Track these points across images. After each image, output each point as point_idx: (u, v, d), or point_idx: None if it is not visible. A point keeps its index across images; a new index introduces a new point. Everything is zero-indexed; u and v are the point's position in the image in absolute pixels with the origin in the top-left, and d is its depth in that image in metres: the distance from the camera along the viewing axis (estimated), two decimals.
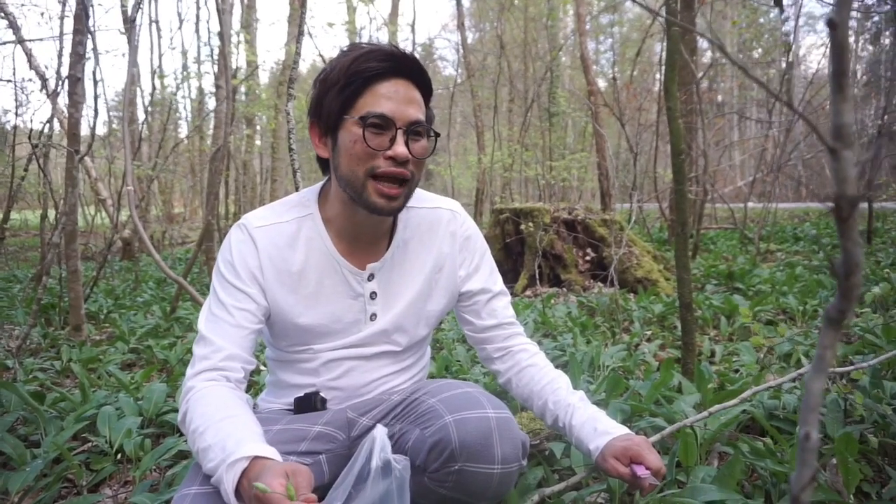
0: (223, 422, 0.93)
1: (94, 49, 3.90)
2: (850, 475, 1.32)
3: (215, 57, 8.45)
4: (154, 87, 8.74)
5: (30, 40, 6.51)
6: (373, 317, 1.17)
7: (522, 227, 5.03)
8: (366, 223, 1.12)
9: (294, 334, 1.14)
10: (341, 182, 1.07)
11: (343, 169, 1.06)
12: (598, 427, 1.12)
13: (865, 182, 7.21)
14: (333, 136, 1.07)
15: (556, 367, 1.32)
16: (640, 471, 1.03)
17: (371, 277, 1.16)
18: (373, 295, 1.16)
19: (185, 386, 1.03)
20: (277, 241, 1.11)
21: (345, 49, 1.07)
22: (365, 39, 14.23)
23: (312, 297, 1.13)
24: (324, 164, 1.12)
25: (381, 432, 0.92)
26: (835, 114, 0.29)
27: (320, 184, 1.19)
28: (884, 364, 2.08)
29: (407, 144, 1.03)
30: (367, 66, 1.02)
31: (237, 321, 1.07)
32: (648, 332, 3.29)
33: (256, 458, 0.85)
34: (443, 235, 1.22)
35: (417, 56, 1.11)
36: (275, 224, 1.12)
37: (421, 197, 1.23)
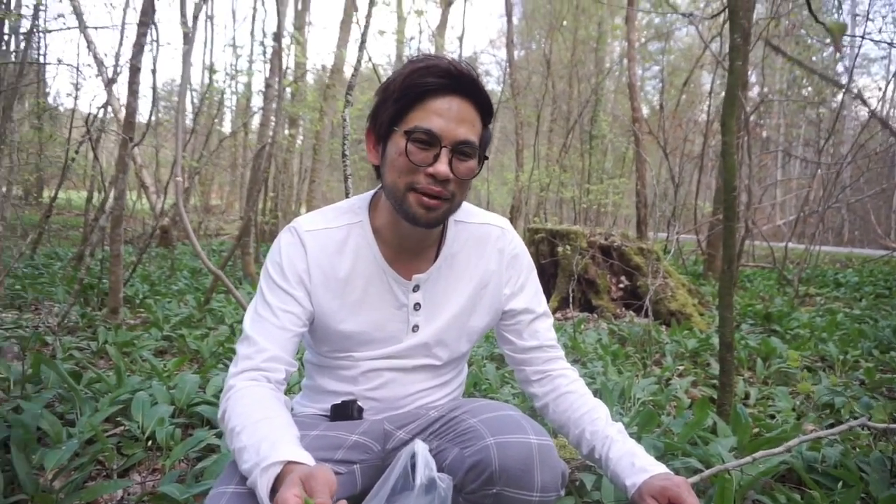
0: (260, 423, 0.93)
1: (156, 41, 4.02)
2: None
3: (267, 56, 8.63)
4: (209, 82, 8.97)
5: (93, 27, 6.73)
6: (415, 328, 1.17)
7: (559, 249, 5.00)
8: (412, 234, 1.12)
9: (335, 340, 1.15)
10: (386, 191, 1.08)
11: (387, 179, 1.06)
12: (636, 463, 1.10)
13: None
14: (384, 145, 1.07)
15: None
16: None
17: (416, 288, 1.16)
18: (416, 306, 1.16)
19: (227, 384, 1.04)
20: (327, 246, 1.11)
21: (411, 59, 1.07)
22: (414, 50, 14.38)
23: (357, 304, 1.13)
24: (378, 171, 1.13)
25: (422, 448, 0.91)
26: None
27: (372, 192, 1.19)
28: None
29: (451, 164, 1.02)
30: (424, 80, 1.01)
31: (282, 323, 1.07)
32: (681, 368, 3.22)
33: (290, 462, 0.85)
34: (490, 252, 1.21)
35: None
36: (324, 229, 1.12)
37: (471, 212, 1.22)
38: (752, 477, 1.53)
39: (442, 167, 1.01)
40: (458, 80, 1.02)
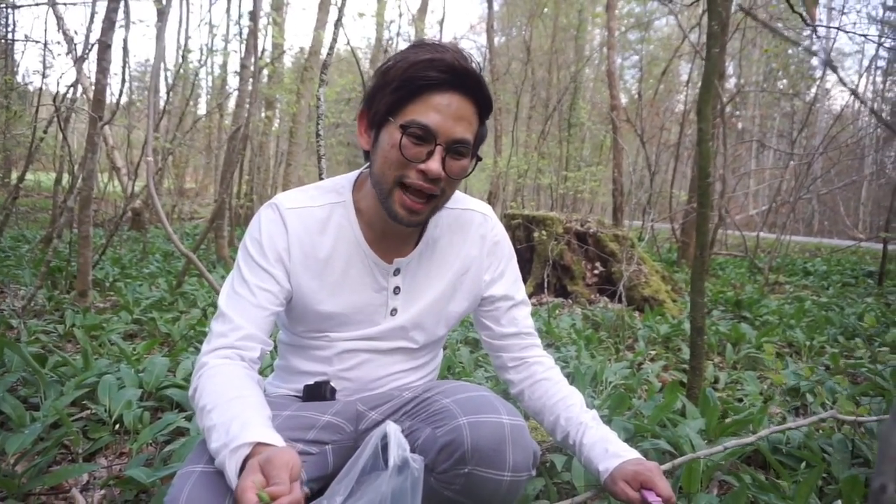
0: (232, 402, 0.92)
1: (127, 18, 3.91)
2: None
3: (243, 36, 8.46)
4: (181, 61, 8.76)
5: (62, 3, 6.53)
6: (393, 312, 1.16)
7: (535, 234, 5.01)
8: (390, 219, 1.10)
9: (312, 320, 1.13)
10: (372, 179, 1.06)
11: (376, 168, 1.04)
12: (609, 448, 1.11)
13: (883, 223, 7.15)
14: (377, 132, 1.05)
15: None
16: (651, 497, 1.01)
17: (397, 272, 1.14)
18: (396, 290, 1.15)
19: (199, 361, 1.01)
20: (308, 224, 1.09)
21: (413, 44, 1.03)
22: (394, 33, 14.22)
23: (336, 285, 1.11)
24: (367, 154, 1.11)
25: (394, 429, 0.90)
26: None
27: (357, 172, 1.17)
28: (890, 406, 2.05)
29: (444, 162, 1.00)
30: (425, 73, 0.97)
31: (259, 301, 1.05)
32: (653, 352, 3.26)
33: (259, 444, 0.84)
34: (472, 238, 1.21)
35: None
36: (307, 207, 1.10)
37: (454, 197, 1.20)
38: (719, 459, 1.56)
39: (434, 165, 0.99)
40: (461, 76, 0.99)
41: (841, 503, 1.36)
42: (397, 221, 1.04)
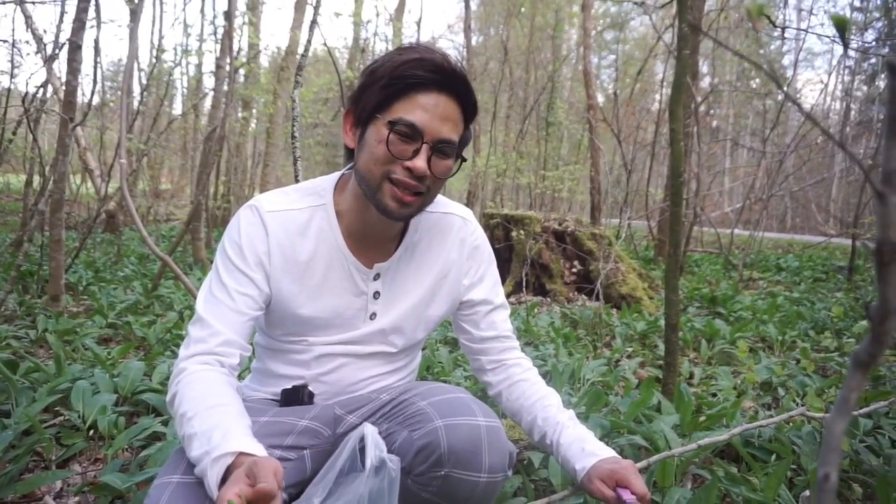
0: (212, 409, 0.91)
1: (98, 17, 3.85)
2: None
3: (219, 36, 8.37)
4: (154, 62, 8.62)
5: (30, 1, 6.39)
6: (373, 316, 1.16)
7: (513, 234, 5.04)
8: (377, 223, 1.10)
9: (291, 324, 1.13)
10: (358, 176, 1.06)
11: (361, 164, 1.04)
12: (585, 447, 1.12)
13: (852, 219, 7.31)
14: (363, 129, 1.05)
15: None
16: (626, 495, 1.03)
17: (377, 277, 1.14)
18: (376, 294, 1.15)
19: (178, 367, 1.00)
20: (289, 228, 1.08)
21: (402, 47, 1.04)
22: (371, 34, 14.16)
23: (316, 289, 1.11)
24: (349, 154, 1.11)
25: (371, 430, 0.91)
26: (886, 159, 0.28)
27: (338, 174, 1.16)
28: (858, 401, 2.10)
29: (430, 161, 1.01)
30: (414, 72, 0.99)
31: (237, 306, 1.04)
32: (630, 349, 3.30)
33: (241, 454, 0.83)
34: (452, 242, 1.21)
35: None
36: (287, 210, 1.09)
37: (434, 200, 1.22)
38: (692, 453, 1.59)
39: (420, 163, 0.99)
40: (448, 77, 1.00)
41: (809, 493, 1.39)
42: (387, 214, 1.04)
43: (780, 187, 7.94)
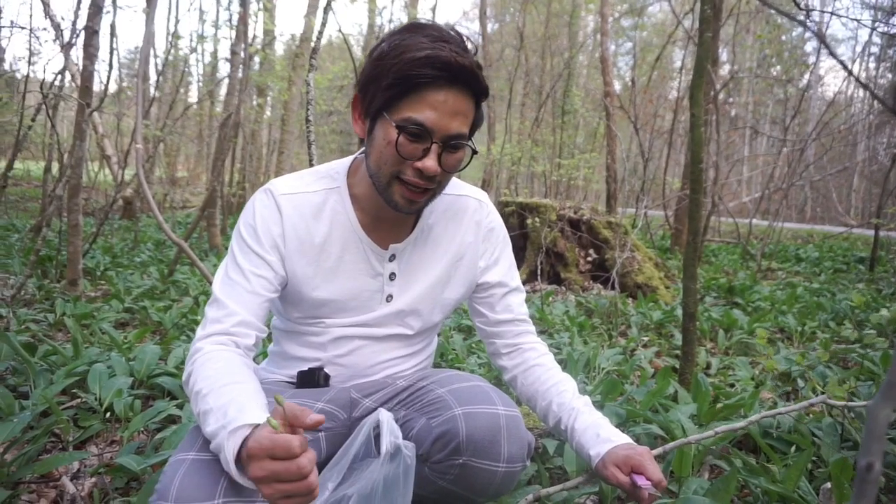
0: (227, 387, 0.90)
1: (114, 2, 3.85)
2: (845, 500, 1.30)
3: (234, 23, 8.36)
4: (169, 49, 8.65)
5: None
6: (389, 298, 1.15)
7: (528, 222, 5.01)
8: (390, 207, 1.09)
9: (307, 306, 1.12)
10: (369, 169, 1.04)
11: (372, 162, 1.03)
12: (600, 433, 1.11)
13: (875, 209, 7.18)
14: (371, 123, 1.03)
15: None
16: (641, 481, 1.01)
17: (392, 258, 1.14)
18: (392, 276, 1.14)
19: (193, 347, 1.00)
20: (303, 210, 1.08)
21: (408, 27, 0.99)
22: (386, 21, 14.08)
23: (332, 271, 1.10)
24: (361, 139, 1.09)
25: (387, 416, 0.90)
26: None
27: (351, 157, 1.15)
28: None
29: (440, 157, 0.99)
30: (421, 72, 0.94)
31: (253, 287, 1.04)
32: (645, 339, 3.27)
33: (259, 426, 0.82)
34: (468, 224, 1.20)
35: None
36: (302, 193, 1.09)
37: (450, 183, 1.20)
38: (709, 443, 1.56)
39: (430, 163, 0.97)
40: (458, 73, 0.96)
41: (830, 485, 1.36)
42: (396, 210, 1.03)
43: (800, 177, 7.81)
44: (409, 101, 0.96)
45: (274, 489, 0.73)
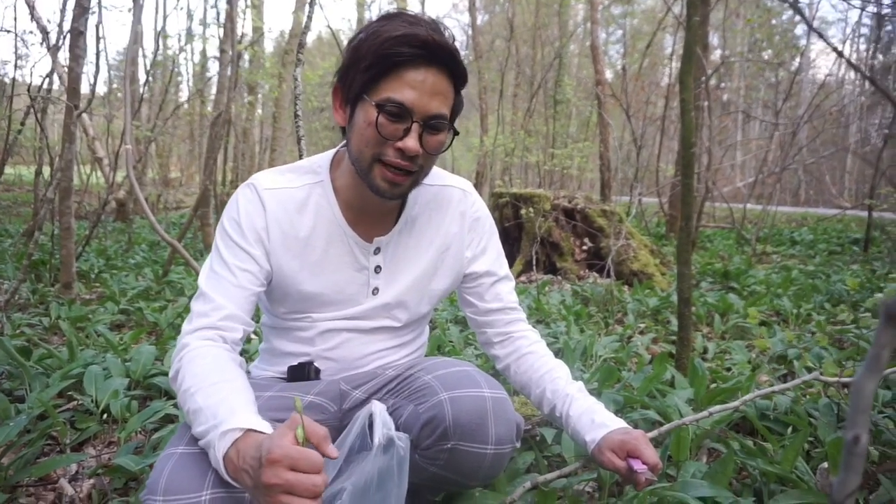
0: (217, 385, 0.90)
1: (99, 3, 3.82)
2: None
3: (221, 20, 8.31)
4: (157, 48, 8.59)
5: None
6: (375, 291, 1.14)
7: (522, 212, 5.00)
8: (374, 198, 1.08)
9: (294, 301, 1.12)
10: (351, 156, 1.04)
11: (353, 145, 1.03)
12: (595, 419, 1.11)
13: (868, 190, 7.19)
14: (352, 109, 1.03)
15: None
16: (637, 465, 1.02)
17: (377, 251, 1.13)
18: (377, 269, 1.14)
19: (180, 342, 0.99)
20: (287, 205, 1.08)
21: (384, 16, 1.00)
22: (374, 14, 14.01)
23: (317, 264, 1.10)
24: (343, 130, 1.09)
25: (380, 408, 0.90)
26: None
27: (333, 150, 1.15)
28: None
29: (421, 138, 0.98)
30: (399, 50, 0.95)
31: (239, 281, 1.03)
32: (642, 325, 3.28)
33: (249, 430, 0.82)
34: (452, 214, 1.20)
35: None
36: (285, 188, 1.08)
37: (433, 173, 1.19)
38: (707, 427, 1.57)
39: (411, 142, 0.97)
40: (434, 51, 0.97)
41: (827, 465, 1.37)
42: (379, 195, 1.02)
43: (793, 160, 7.82)
44: (389, 82, 0.97)
45: (278, 500, 0.73)
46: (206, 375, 0.92)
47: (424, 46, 0.96)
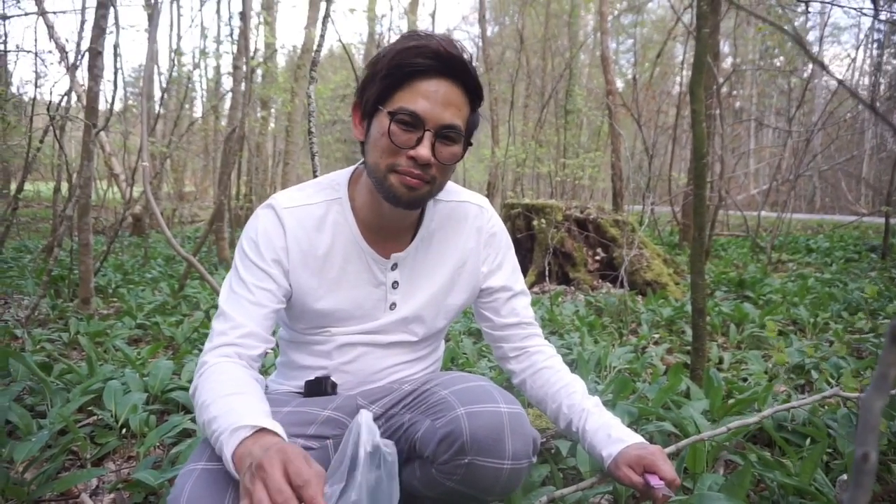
0: (231, 396, 0.92)
1: (116, 23, 3.90)
2: None
3: (235, 37, 8.44)
4: (172, 65, 8.73)
5: (52, 12, 6.51)
6: (392, 306, 1.16)
7: (535, 223, 5.01)
8: (391, 214, 1.10)
9: (312, 317, 1.14)
10: (367, 169, 1.07)
11: (369, 157, 1.05)
12: (612, 434, 1.11)
13: (885, 196, 7.11)
14: (369, 122, 1.06)
15: None
16: (654, 481, 1.01)
17: (395, 267, 1.15)
18: (395, 284, 1.15)
19: (200, 360, 1.02)
20: (305, 223, 1.10)
21: (403, 35, 1.04)
22: (385, 28, 14.15)
23: (335, 281, 1.12)
24: (363, 147, 1.11)
25: (366, 417, 0.90)
26: None
27: (353, 167, 1.17)
28: (894, 384, 2.04)
29: (434, 148, 1.00)
30: (412, 61, 0.98)
31: (258, 299, 1.06)
32: (656, 336, 3.26)
33: (261, 429, 0.83)
34: (469, 230, 1.21)
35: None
36: (304, 206, 1.10)
37: (449, 189, 1.21)
38: (723, 438, 1.56)
39: (424, 151, 0.99)
40: (447, 62, 0.99)
41: (846, 477, 1.36)
42: (397, 202, 1.03)
43: (807, 167, 7.76)
44: (402, 92, 1.00)
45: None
46: (219, 389, 0.94)
47: (437, 57, 0.99)
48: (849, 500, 0.31)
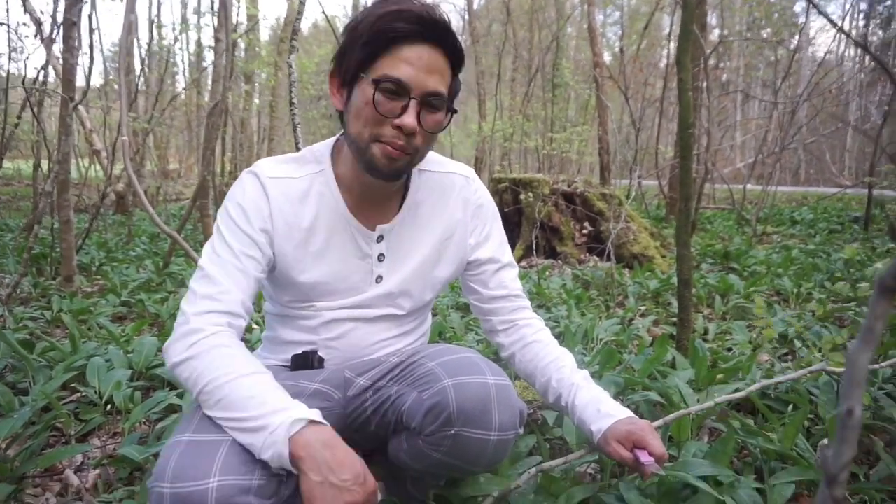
0: (253, 376, 0.91)
1: None
2: None
3: (215, 9, 8.24)
4: (152, 38, 8.53)
5: None
6: (378, 279, 1.14)
7: (522, 197, 4.99)
8: (375, 184, 1.08)
9: (297, 290, 1.12)
10: (348, 139, 1.04)
11: (351, 127, 1.02)
12: (601, 409, 1.11)
13: (868, 168, 7.17)
14: (349, 90, 1.02)
15: None
16: (644, 457, 1.02)
17: (380, 239, 1.13)
18: (380, 257, 1.14)
19: (188, 325, 0.95)
20: (290, 194, 1.07)
21: (379, 0, 1.00)
22: (370, 2, 13.92)
23: (319, 254, 1.09)
24: (341, 116, 1.08)
25: None
26: None
27: (334, 139, 1.14)
28: (877, 349, 2.07)
29: (419, 116, 0.98)
30: (394, 25, 0.95)
31: (244, 266, 1.02)
32: (643, 308, 3.28)
33: (313, 422, 0.86)
34: (455, 201, 1.19)
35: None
36: (287, 178, 1.08)
37: (435, 160, 1.18)
38: (707, 407, 1.57)
39: (409, 119, 0.97)
40: (430, 27, 0.96)
41: (827, 441, 1.38)
42: (378, 173, 1.01)
43: (792, 139, 7.78)
44: (385, 59, 0.97)
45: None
46: (237, 367, 0.92)
47: (419, 21, 0.96)
48: (834, 455, 0.30)
